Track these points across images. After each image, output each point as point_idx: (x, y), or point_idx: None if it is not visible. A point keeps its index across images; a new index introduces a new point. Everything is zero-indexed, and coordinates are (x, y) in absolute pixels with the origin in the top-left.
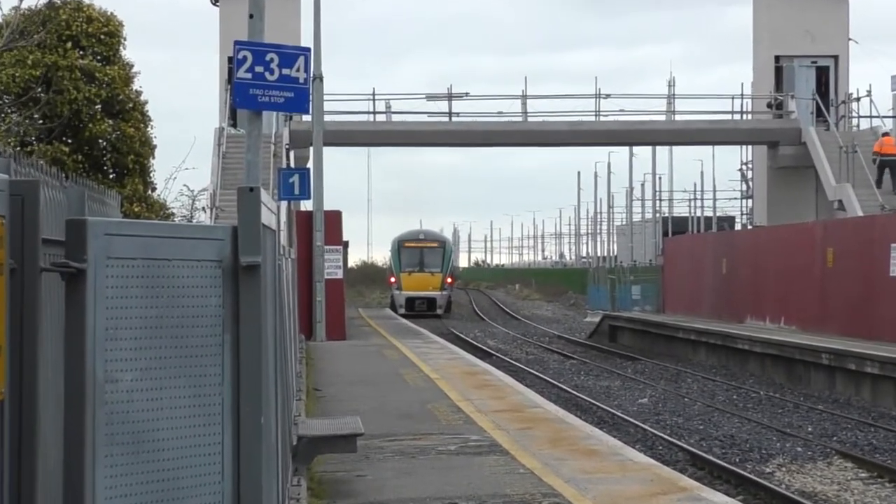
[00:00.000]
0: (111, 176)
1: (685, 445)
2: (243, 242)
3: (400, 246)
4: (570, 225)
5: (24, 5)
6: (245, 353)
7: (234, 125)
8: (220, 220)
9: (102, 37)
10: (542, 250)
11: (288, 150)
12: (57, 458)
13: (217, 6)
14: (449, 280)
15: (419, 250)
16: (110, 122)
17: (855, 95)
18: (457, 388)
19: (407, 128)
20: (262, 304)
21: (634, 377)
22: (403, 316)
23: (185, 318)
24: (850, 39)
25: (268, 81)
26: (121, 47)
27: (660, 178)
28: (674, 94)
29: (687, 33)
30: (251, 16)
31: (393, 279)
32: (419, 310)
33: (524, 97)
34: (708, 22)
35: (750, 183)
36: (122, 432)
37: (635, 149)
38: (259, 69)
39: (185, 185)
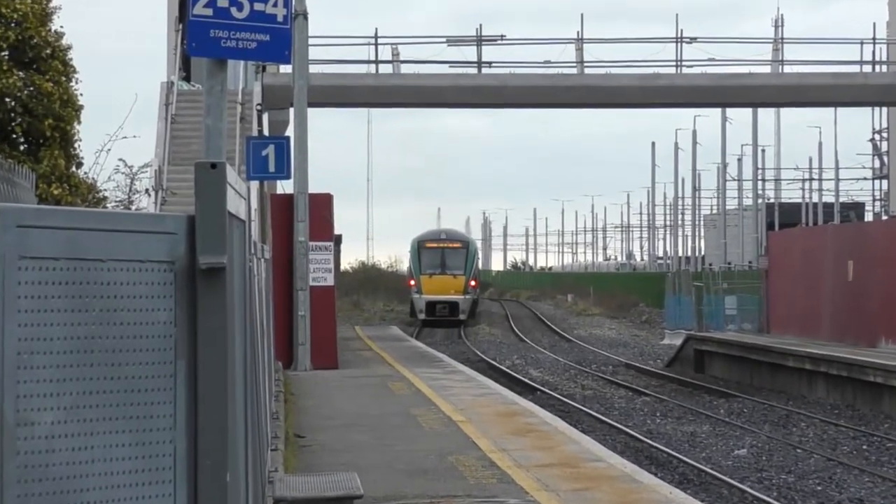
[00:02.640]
0: (22, 147)
1: None
2: (203, 237)
3: (419, 247)
4: (641, 214)
5: None
6: (205, 387)
7: (188, 79)
8: (168, 207)
9: None
10: (604, 248)
11: (260, 113)
12: None
13: None
14: (472, 283)
15: (440, 251)
16: (20, 74)
17: None
18: (488, 435)
19: (421, 82)
20: (227, 321)
21: (729, 420)
22: (424, 322)
23: (125, 338)
24: None
25: (235, 20)
26: None
27: (763, 152)
28: (782, 38)
29: None
30: None
31: (412, 282)
32: (441, 315)
33: (580, 41)
34: None
35: (885, 158)
36: (40, 493)
37: (730, 112)
38: (223, 3)
39: (120, 160)
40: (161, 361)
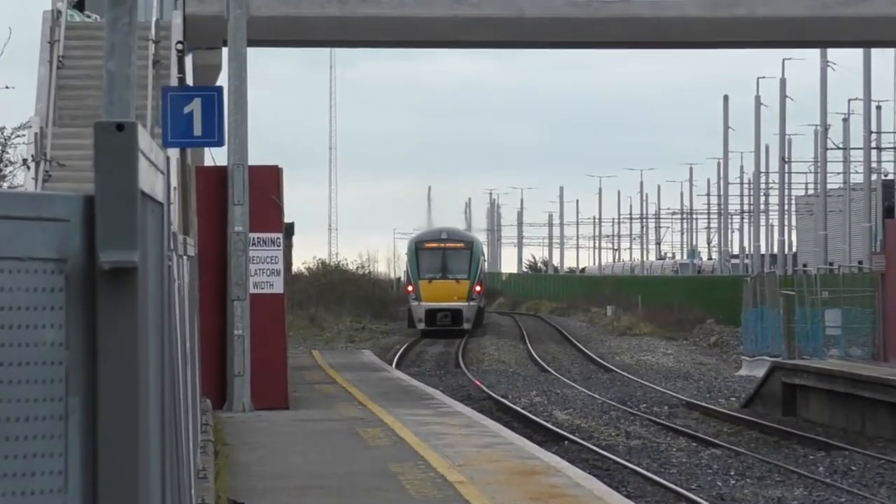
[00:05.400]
0: None
1: None
2: (106, 226)
3: (418, 248)
4: (709, 196)
5: None
6: (107, 434)
7: (82, 7)
8: (55, 184)
9: None
10: (657, 243)
11: (181, 55)
12: None
13: None
14: (477, 288)
15: (441, 252)
16: None
17: None
18: (497, 501)
19: (404, 12)
20: (139, 342)
21: (830, 480)
22: (424, 332)
23: None
24: None
25: None
26: None
27: (878, 109)
28: None
29: None
30: None
31: (410, 288)
32: (442, 324)
33: None
34: None
35: None
36: None
37: (832, 54)
38: None
39: None
40: (47, 398)
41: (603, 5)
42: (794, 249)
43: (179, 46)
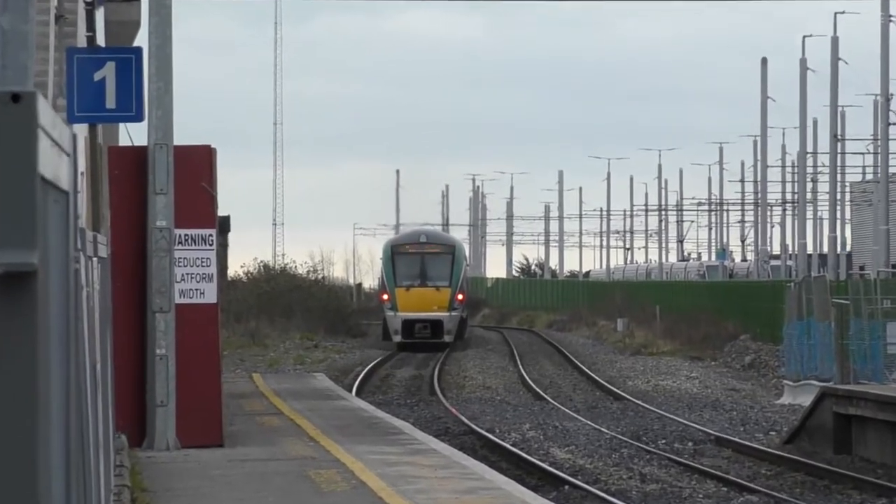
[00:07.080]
0: None
1: None
2: None
3: (393, 252)
4: (742, 182)
5: None
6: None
7: None
8: None
9: None
10: (679, 241)
11: (91, 8)
12: None
13: None
14: (460, 297)
15: (419, 258)
16: None
17: None
18: None
19: None
20: (38, 363)
21: None
22: (400, 345)
23: None
24: None
25: None
26: None
27: None
28: None
29: None
30: None
31: (385, 297)
32: (421, 336)
33: None
34: None
35: None
36: None
37: (894, 6)
38: None
39: None
40: None
41: None
42: (848, 248)
43: None
